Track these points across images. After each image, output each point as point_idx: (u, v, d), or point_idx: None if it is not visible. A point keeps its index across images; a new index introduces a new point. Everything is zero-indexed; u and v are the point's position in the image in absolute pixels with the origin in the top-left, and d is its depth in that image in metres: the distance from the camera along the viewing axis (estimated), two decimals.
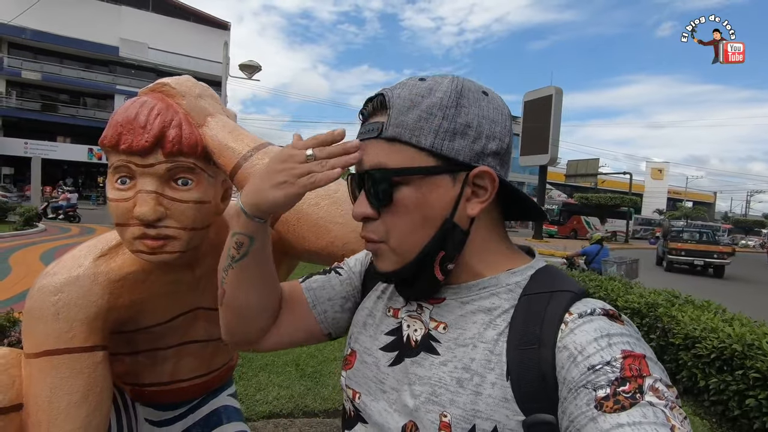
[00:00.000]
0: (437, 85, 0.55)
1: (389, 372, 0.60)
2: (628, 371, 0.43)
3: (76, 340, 0.91)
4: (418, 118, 0.53)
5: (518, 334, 0.52)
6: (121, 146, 0.83)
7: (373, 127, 0.56)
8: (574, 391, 0.45)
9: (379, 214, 0.56)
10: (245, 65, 13.52)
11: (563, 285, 0.54)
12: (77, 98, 31.33)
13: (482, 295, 0.57)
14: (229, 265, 0.65)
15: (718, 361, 3.42)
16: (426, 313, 0.60)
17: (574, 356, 0.46)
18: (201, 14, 34.17)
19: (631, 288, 5.13)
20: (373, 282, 0.72)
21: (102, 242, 1.00)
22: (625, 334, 0.47)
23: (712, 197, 71.08)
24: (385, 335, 0.63)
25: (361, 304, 0.71)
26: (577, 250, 10.10)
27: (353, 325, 0.70)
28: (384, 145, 0.55)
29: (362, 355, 0.65)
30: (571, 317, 0.50)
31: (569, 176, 32.02)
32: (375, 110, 0.58)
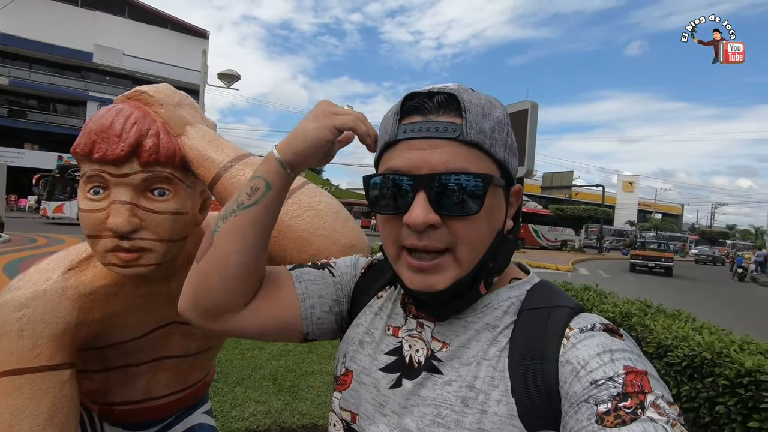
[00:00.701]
0: (491, 99, 0.56)
1: (390, 394, 0.58)
2: (630, 387, 0.43)
3: (42, 358, 0.86)
4: (493, 129, 0.52)
5: (520, 349, 0.52)
6: (95, 155, 0.80)
7: (446, 126, 0.51)
8: (576, 406, 0.45)
9: (443, 221, 0.51)
10: (224, 74, 13.39)
11: (561, 300, 0.55)
12: (47, 104, 30.38)
13: (486, 312, 0.57)
14: (232, 212, 0.60)
15: (689, 369, 3.51)
16: (427, 331, 0.59)
17: (576, 371, 0.47)
18: (179, 22, 33.78)
19: (606, 298, 5.25)
20: (366, 297, 0.68)
21: (72, 254, 0.96)
22: (626, 349, 0.48)
23: (679, 209, 73.88)
24: (386, 355, 0.61)
25: (354, 321, 0.68)
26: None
27: (347, 343, 0.67)
28: (463, 149, 0.51)
29: (360, 375, 0.62)
30: (572, 332, 0.50)
31: (545, 188, 32.76)
32: (441, 108, 0.52)
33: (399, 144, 0.53)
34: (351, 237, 0.85)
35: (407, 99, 0.54)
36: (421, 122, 0.52)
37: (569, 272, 16.92)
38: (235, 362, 4.02)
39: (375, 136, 0.59)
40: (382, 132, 0.57)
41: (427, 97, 0.52)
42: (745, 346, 3.27)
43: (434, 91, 0.53)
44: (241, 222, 0.60)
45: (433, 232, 0.51)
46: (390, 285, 0.68)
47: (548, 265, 18.05)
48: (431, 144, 0.51)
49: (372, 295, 0.68)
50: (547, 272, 16.13)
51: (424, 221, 0.50)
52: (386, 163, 0.55)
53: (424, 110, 0.52)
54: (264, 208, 0.60)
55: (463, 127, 0.50)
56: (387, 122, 0.56)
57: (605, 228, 34.47)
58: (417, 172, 0.51)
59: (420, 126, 0.51)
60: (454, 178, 0.50)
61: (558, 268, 17.59)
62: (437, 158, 0.50)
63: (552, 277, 10.82)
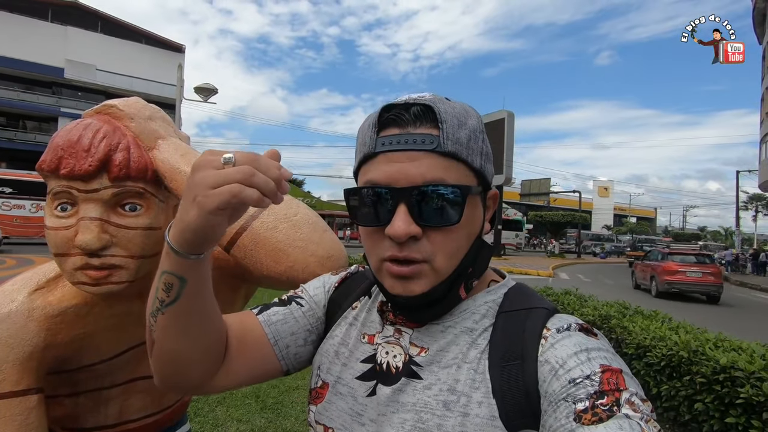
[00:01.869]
0: (466, 107, 0.57)
1: (367, 403, 0.57)
2: (606, 385, 0.45)
3: (7, 383, 0.83)
4: (469, 138, 0.53)
5: (499, 351, 0.53)
6: (62, 171, 0.78)
7: (423, 138, 0.51)
8: (555, 404, 0.46)
9: (424, 232, 0.52)
10: (201, 88, 13.28)
11: (537, 302, 0.56)
12: (16, 121, 29.47)
13: (464, 316, 0.58)
14: (157, 310, 0.54)
15: (668, 368, 3.59)
16: (405, 337, 0.59)
17: (555, 369, 0.48)
18: (154, 36, 33.40)
19: (585, 301, 5.34)
20: (340, 310, 0.68)
21: (38, 275, 0.92)
22: (602, 348, 0.49)
23: (653, 213, 76.19)
24: (361, 363, 0.60)
25: (329, 333, 0.67)
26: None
27: (321, 355, 0.66)
28: (440, 160, 0.51)
29: (336, 386, 0.61)
30: (549, 332, 0.52)
31: (523, 195, 33.40)
32: (417, 119, 0.52)
33: (378, 156, 0.54)
34: (328, 248, 0.84)
35: (384, 111, 0.54)
36: (398, 135, 0.52)
37: (550, 277, 17.16)
38: None
39: (273, 189, 0.46)
40: (360, 144, 0.57)
41: (403, 108, 0.53)
42: (719, 344, 3.37)
43: (410, 102, 0.53)
44: (171, 318, 0.54)
45: (414, 243, 0.52)
46: (364, 295, 0.68)
47: (529, 271, 18.29)
48: (409, 156, 0.51)
49: (346, 307, 0.68)
50: (529, 278, 16.33)
51: (406, 233, 0.51)
52: (365, 175, 0.55)
53: (401, 122, 0.53)
54: (189, 299, 0.53)
55: (440, 138, 0.51)
56: (365, 134, 0.56)
57: (583, 233, 35.16)
58: (396, 185, 0.52)
59: (398, 138, 0.52)
60: (431, 189, 0.51)
61: (539, 274, 17.84)
62: (415, 170, 0.51)
63: (533, 282, 10.97)
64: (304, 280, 0.80)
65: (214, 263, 1.09)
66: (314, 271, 0.82)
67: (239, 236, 0.82)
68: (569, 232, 40.15)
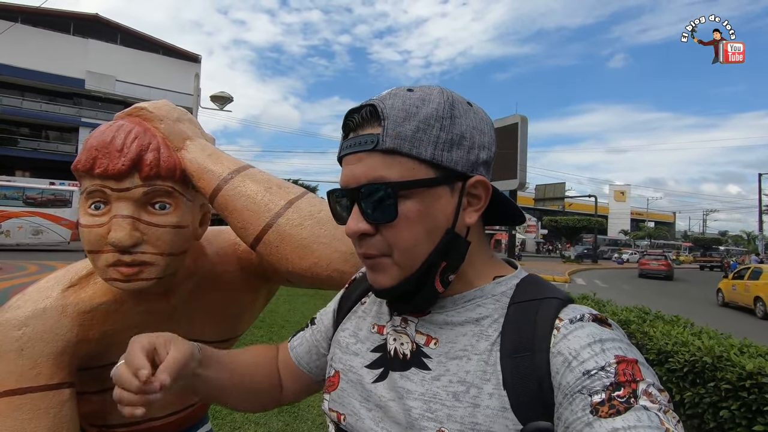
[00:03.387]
0: (428, 95, 0.55)
1: (373, 389, 0.59)
2: (622, 376, 0.44)
3: (41, 377, 0.85)
4: (416, 129, 0.52)
5: (511, 342, 0.52)
6: (96, 170, 0.81)
7: (366, 139, 0.53)
8: (570, 397, 0.45)
9: (377, 229, 0.54)
10: (216, 96, 13.53)
11: (550, 292, 0.55)
12: (39, 131, 30.38)
13: (468, 307, 0.57)
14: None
15: (691, 375, 3.50)
16: (411, 326, 0.60)
17: (569, 361, 0.47)
18: (170, 47, 34.20)
19: (604, 306, 5.25)
20: (350, 304, 0.72)
21: (71, 272, 0.95)
22: (616, 339, 0.49)
23: (672, 217, 74.59)
24: (371, 352, 0.62)
25: (341, 326, 0.70)
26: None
27: (333, 346, 0.69)
28: (381, 158, 0.52)
29: (346, 374, 0.63)
30: (562, 323, 0.51)
31: (538, 200, 32.96)
32: (364, 121, 0.54)
33: (342, 161, 0.57)
34: (351, 244, 0.85)
35: (345, 117, 0.57)
36: (351, 138, 0.55)
37: (566, 283, 16.93)
38: None
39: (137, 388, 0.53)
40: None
41: (356, 112, 0.55)
42: (745, 349, 3.28)
43: (363, 105, 0.55)
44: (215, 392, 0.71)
45: (369, 239, 0.54)
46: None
47: (545, 277, 18.06)
48: (357, 158, 0.54)
49: (355, 301, 0.72)
50: None
51: (355, 230, 0.54)
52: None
53: (352, 126, 0.56)
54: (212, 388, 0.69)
55: (380, 136, 0.52)
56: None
57: (600, 238, 34.57)
58: (348, 187, 0.55)
59: (350, 142, 0.55)
60: (365, 188, 0.53)
61: (555, 279, 17.61)
62: (360, 171, 0.53)
63: None
64: (328, 277, 0.82)
65: (237, 263, 1.11)
66: (338, 267, 0.83)
67: (265, 233, 0.84)
68: (585, 237, 39.53)
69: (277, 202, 0.86)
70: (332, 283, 0.83)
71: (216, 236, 1.12)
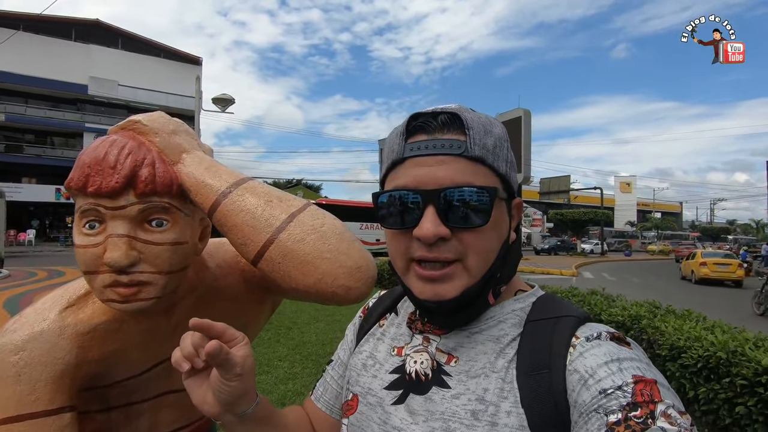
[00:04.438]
0: (490, 118, 0.57)
1: (392, 411, 0.58)
2: (640, 396, 0.43)
3: (40, 402, 0.83)
4: (494, 145, 0.55)
5: (527, 360, 0.52)
6: (89, 188, 0.78)
7: (452, 143, 0.53)
8: (585, 416, 0.45)
9: (453, 233, 0.52)
10: (218, 99, 13.54)
11: (567, 311, 0.56)
12: (43, 138, 30.64)
13: (490, 324, 0.57)
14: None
15: (705, 370, 3.45)
16: (433, 344, 0.60)
17: (585, 379, 0.47)
18: (172, 50, 34.29)
19: (613, 301, 5.19)
20: (369, 327, 0.71)
21: (69, 292, 0.93)
22: (634, 358, 0.48)
23: (678, 207, 74.06)
24: (390, 374, 0.61)
25: (357, 349, 0.69)
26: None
27: (350, 370, 0.68)
28: (467, 164, 0.53)
29: (365, 397, 0.62)
30: (578, 341, 0.51)
31: (543, 194, 32.82)
32: (445, 126, 0.54)
33: (406, 162, 0.55)
34: (357, 258, 0.82)
35: (412, 119, 0.55)
36: (427, 140, 0.54)
37: (574, 277, 16.85)
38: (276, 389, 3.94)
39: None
40: (387, 152, 0.58)
41: (431, 116, 0.54)
42: (760, 344, 3.22)
43: (438, 111, 0.55)
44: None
45: (444, 244, 0.52)
46: (390, 312, 0.70)
47: (552, 271, 18.00)
48: (437, 160, 0.53)
49: (373, 323, 0.71)
50: (552, 278, 16.07)
51: (435, 234, 0.51)
52: (393, 180, 0.57)
53: (428, 129, 0.54)
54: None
55: (467, 143, 0.53)
56: (393, 142, 0.57)
57: (606, 230, 34.29)
58: (425, 188, 0.52)
59: (426, 144, 0.53)
60: (460, 191, 0.51)
61: (562, 273, 17.53)
62: (444, 173, 0.52)
63: (557, 282, 10.76)
64: (333, 293, 0.78)
65: (240, 275, 1.08)
66: (343, 282, 0.80)
67: (266, 249, 0.81)
68: (591, 229, 39.25)
69: (278, 216, 0.83)
70: (337, 300, 0.80)
71: (217, 248, 1.09)
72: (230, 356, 0.54)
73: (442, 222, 0.52)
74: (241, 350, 0.58)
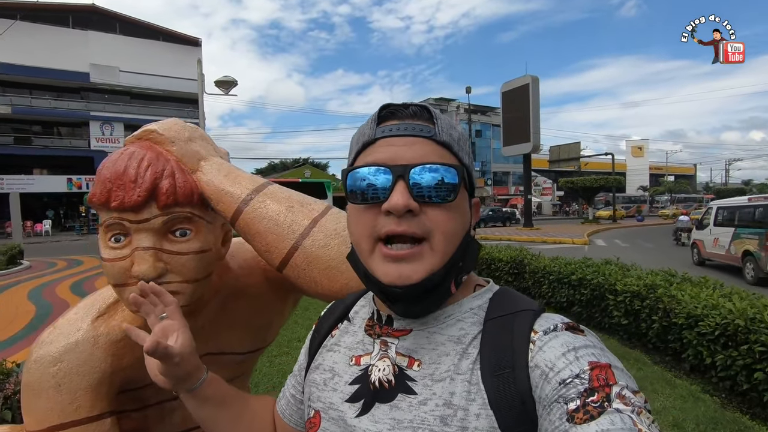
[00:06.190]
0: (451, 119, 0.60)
1: (356, 423, 0.56)
2: (596, 381, 0.45)
3: (82, 410, 0.86)
4: (459, 138, 0.58)
5: (490, 360, 0.52)
6: (112, 203, 0.78)
7: (422, 127, 0.55)
8: (548, 407, 0.46)
9: (421, 209, 0.53)
10: (221, 81, 13.39)
11: (523, 305, 0.56)
12: (50, 128, 30.73)
13: (449, 323, 0.57)
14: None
15: (723, 338, 3.45)
16: (392, 348, 0.59)
17: (545, 373, 0.48)
18: (170, 32, 33.75)
19: (628, 271, 5.17)
20: (321, 339, 0.70)
21: (99, 301, 0.94)
22: (589, 345, 0.49)
23: (692, 169, 72.54)
24: (349, 385, 0.60)
25: (312, 364, 0.68)
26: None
27: (309, 386, 0.66)
28: (436, 147, 0.55)
29: (327, 412, 0.61)
30: (537, 335, 0.51)
31: (552, 162, 32.34)
32: (415, 115, 0.57)
33: (377, 142, 0.56)
34: None
35: (383, 108, 0.58)
36: (398, 123, 0.56)
37: (586, 245, 16.75)
38: (264, 370, 4.06)
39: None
40: (358, 136, 0.59)
41: (401, 107, 0.57)
42: None
43: (408, 103, 0.58)
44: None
45: (412, 218, 0.52)
46: (341, 321, 0.69)
47: (563, 240, 17.90)
48: (408, 141, 0.54)
49: (325, 335, 0.69)
50: (563, 247, 15.99)
51: (405, 204, 0.51)
52: (363, 159, 0.57)
53: (399, 115, 0.57)
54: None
55: (436, 129, 0.55)
56: (363, 128, 0.59)
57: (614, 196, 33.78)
58: (395, 164, 0.53)
59: (398, 126, 0.55)
60: (429, 168, 0.53)
61: (574, 242, 17.44)
62: (413, 153, 0.54)
63: (569, 252, 10.72)
64: None
65: (262, 274, 1.09)
66: None
67: (291, 256, 0.81)
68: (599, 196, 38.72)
69: (301, 222, 0.82)
70: None
71: (238, 249, 1.10)
72: (168, 350, 0.62)
73: (411, 197, 0.52)
74: (179, 340, 0.66)
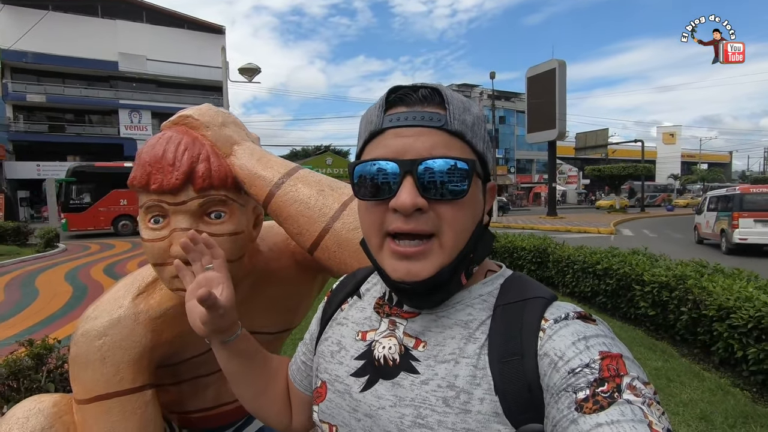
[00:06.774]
0: (469, 100, 0.57)
1: (361, 398, 0.57)
2: (606, 372, 0.44)
3: (125, 382, 0.91)
4: (473, 123, 0.54)
5: (499, 346, 0.51)
6: (152, 186, 0.81)
7: (431, 116, 0.52)
8: (556, 396, 0.45)
9: (429, 206, 0.51)
10: (245, 69, 13.52)
11: (535, 292, 0.55)
12: (82, 116, 31.71)
13: (458, 308, 0.56)
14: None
15: (756, 331, 3.34)
16: (400, 328, 0.59)
17: (554, 362, 0.47)
18: (195, 20, 34.13)
19: (656, 261, 5.04)
20: (332, 312, 0.70)
21: (138, 280, 0.99)
22: (600, 335, 0.49)
23: (727, 157, 69.47)
24: (355, 360, 0.61)
25: (322, 336, 0.69)
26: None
27: (318, 357, 0.68)
28: (446, 138, 0.52)
29: (333, 384, 0.62)
30: (547, 323, 0.51)
31: (579, 149, 31.45)
32: (425, 100, 0.53)
33: (384, 132, 0.54)
34: None
35: (391, 92, 0.55)
36: (406, 112, 0.53)
37: (612, 235, 16.33)
38: (289, 353, 4.16)
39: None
40: (365, 124, 0.57)
41: (411, 90, 0.54)
42: None
43: (418, 85, 0.54)
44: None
45: (420, 215, 0.51)
46: (351, 296, 0.70)
47: (589, 229, 17.51)
48: (417, 132, 0.52)
49: (336, 308, 0.70)
50: (589, 236, 15.66)
51: (413, 204, 0.50)
52: (371, 152, 0.55)
53: (408, 102, 0.53)
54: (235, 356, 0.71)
55: (447, 117, 0.52)
56: (371, 114, 0.56)
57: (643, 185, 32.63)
58: (403, 158, 0.51)
59: (406, 115, 0.52)
60: (440, 162, 0.50)
61: (600, 231, 17.04)
62: (422, 145, 0.51)
63: (594, 242, 10.49)
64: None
65: (291, 258, 1.12)
66: None
67: (322, 239, 0.83)
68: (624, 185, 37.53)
69: (331, 205, 0.84)
70: None
71: (268, 232, 1.13)
72: (216, 301, 0.63)
73: (419, 193, 0.50)
74: (224, 293, 0.67)
